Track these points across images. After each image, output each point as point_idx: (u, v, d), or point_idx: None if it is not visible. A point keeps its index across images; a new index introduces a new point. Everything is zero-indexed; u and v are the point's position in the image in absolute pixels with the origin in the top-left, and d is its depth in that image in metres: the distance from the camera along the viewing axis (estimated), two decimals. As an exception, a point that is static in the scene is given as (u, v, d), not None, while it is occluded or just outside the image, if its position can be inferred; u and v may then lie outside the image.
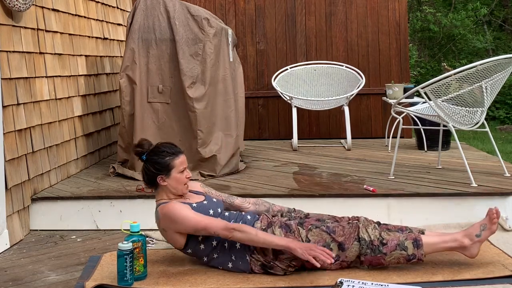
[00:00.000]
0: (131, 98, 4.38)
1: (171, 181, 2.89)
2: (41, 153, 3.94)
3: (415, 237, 2.76)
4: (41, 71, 3.99)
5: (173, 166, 2.88)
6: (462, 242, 2.78)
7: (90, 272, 2.89)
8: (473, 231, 2.80)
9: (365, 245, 2.74)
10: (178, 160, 2.89)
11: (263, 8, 6.30)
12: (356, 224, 2.81)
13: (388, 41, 6.21)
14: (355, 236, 2.76)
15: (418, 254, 2.74)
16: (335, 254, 2.75)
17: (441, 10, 14.05)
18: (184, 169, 2.91)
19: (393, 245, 2.74)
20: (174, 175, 2.88)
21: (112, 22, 5.60)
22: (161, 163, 2.88)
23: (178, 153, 2.92)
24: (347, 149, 5.41)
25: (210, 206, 2.94)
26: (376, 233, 2.77)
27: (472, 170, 3.85)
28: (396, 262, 2.77)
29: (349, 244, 2.76)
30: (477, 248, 2.80)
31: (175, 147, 2.95)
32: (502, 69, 3.78)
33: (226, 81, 4.49)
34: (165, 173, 2.88)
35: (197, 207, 2.87)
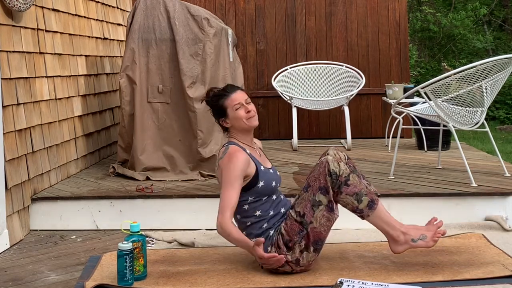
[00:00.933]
0: (131, 98, 4.38)
1: (231, 120, 2.86)
2: (41, 153, 3.94)
3: (373, 198, 2.75)
4: (41, 71, 3.99)
5: (225, 106, 2.86)
6: (397, 235, 2.77)
7: (90, 272, 2.89)
8: (413, 235, 2.78)
9: (335, 179, 2.72)
10: (229, 99, 2.86)
11: (263, 8, 6.30)
12: (325, 159, 2.77)
13: (388, 41, 6.21)
14: (327, 172, 2.73)
15: (365, 213, 2.73)
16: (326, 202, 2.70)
17: (441, 10, 14.06)
18: (240, 105, 2.85)
19: (352, 191, 2.72)
20: (232, 114, 2.85)
21: (112, 22, 5.60)
22: (215, 108, 2.90)
23: (229, 92, 2.89)
24: (347, 149, 5.42)
25: (274, 177, 2.89)
26: (347, 170, 2.75)
27: (472, 170, 3.85)
28: (343, 204, 2.76)
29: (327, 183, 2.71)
30: (404, 249, 2.79)
31: (228, 87, 2.93)
32: (502, 69, 3.78)
33: (226, 81, 4.49)
34: (223, 116, 2.88)
35: (264, 172, 2.83)
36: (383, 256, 3.00)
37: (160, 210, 3.80)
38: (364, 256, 3.03)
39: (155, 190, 3.92)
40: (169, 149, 4.36)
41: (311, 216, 2.72)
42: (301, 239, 2.74)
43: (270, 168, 2.93)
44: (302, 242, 2.74)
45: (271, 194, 2.85)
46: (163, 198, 3.81)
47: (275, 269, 2.79)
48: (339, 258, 3.00)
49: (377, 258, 2.98)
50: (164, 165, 4.34)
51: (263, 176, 2.81)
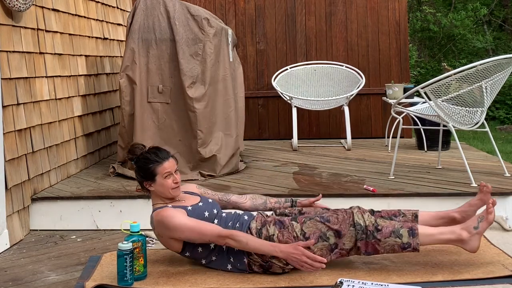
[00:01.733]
0: (131, 98, 4.38)
1: (157, 187, 2.88)
2: (41, 153, 3.94)
3: (411, 226, 2.73)
4: (41, 71, 3.99)
5: (156, 172, 2.86)
6: (460, 234, 2.73)
7: (90, 272, 2.89)
8: (471, 224, 2.74)
9: (360, 231, 2.72)
10: (161, 166, 2.86)
11: (263, 8, 6.30)
12: (351, 210, 2.80)
13: (388, 41, 6.21)
14: (350, 222, 2.74)
15: (413, 243, 2.70)
16: (332, 242, 2.74)
17: (441, 10, 14.05)
18: (169, 174, 2.87)
19: (387, 231, 2.71)
20: (159, 181, 2.87)
21: (112, 22, 5.60)
22: (144, 169, 2.88)
23: (163, 159, 2.89)
24: (347, 149, 5.41)
25: (206, 208, 2.92)
26: (371, 219, 2.75)
27: (472, 170, 3.85)
28: (391, 249, 2.73)
29: (345, 231, 2.73)
30: (477, 241, 2.73)
31: (162, 152, 2.92)
32: (502, 69, 3.78)
33: (226, 81, 4.49)
34: (150, 180, 2.88)
35: (192, 210, 2.86)
36: (383, 256, 2.99)
37: (160, 210, 3.79)
38: (364, 256, 3.02)
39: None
40: (169, 149, 4.28)
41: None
42: None
43: (198, 202, 2.95)
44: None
45: (211, 222, 2.86)
46: (163, 198, 3.81)
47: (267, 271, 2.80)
48: (339, 258, 2.99)
49: (377, 258, 2.97)
50: (164, 165, 4.33)
51: (193, 214, 2.83)
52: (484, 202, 2.88)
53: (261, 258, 2.78)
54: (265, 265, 2.78)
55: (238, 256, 2.81)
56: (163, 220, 2.79)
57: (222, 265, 2.85)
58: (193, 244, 2.84)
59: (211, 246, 2.84)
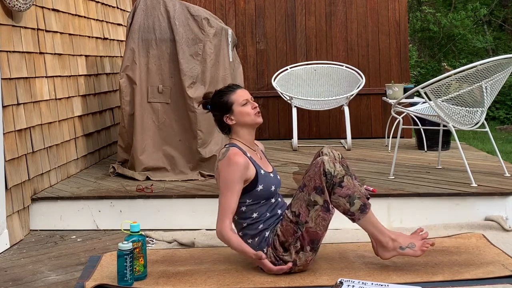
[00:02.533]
0: (131, 98, 4.38)
1: (237, 116, 2.85)
2: (41, 153, 3.94)
3: (365, 203, 2.73)
4: (41, 71, 3.99)
5: (232, 101, 2.85)
6: (386, 242, 2.76)
7: (90, 272, 2.89)
8: (402, 242, 2.77)
9: (330, 180, 2.70)
10: (236, 94, 2.86)
11: (263, 8, 6.30)
12: (321, 160, 2.75)
13: (388, 41, 6.21)
14: (322, 172, 2.71)
15: (356, 216, 2.71)
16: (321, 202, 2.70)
17: (441, 10, 14.06)
18: (247, 101, 2.86)
19: (345, 192, 2.70)
20: (238, 109, 2.85)
21: (112, 22, 5.60)
22: (220, 102, 2.86)
23: (235, 88, 2.90)
24: (347, 149, 5.42)
25: (274, 181, 2.88)
26: (342, 172, 2.73)
27: (472, 170, 3.85)
28: (335, 206, 2.74)
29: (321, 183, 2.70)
30: (391, 256, 2.78)
31: (233, 85, 2.95)
32: (502, 69, 3.78)
33: (226, 81, 4.49)
34: (228, 111, 2.86)
35: (264, 176, 2.82)
36: (383, 256, 3.00)
37: (160, 210, 3.80)
38: (364, 256, 3.03)
39: (155, 190, 3.92)
40: (169, 149, 4.36)
41: (306, 216, 2.72)
42: (296, 240, 2.74)
43: (271, 172, 2.92)
44: (297, 243, 2.74)
45: (270, 197, 2.85)
46: (163, 198, 3.81)
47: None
48: (339, 258, 3.00)
49: (377, 258, 2.97)
50: (164, 165, 4.34)
51: (263, 180, 2.81)
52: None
53: (275, 253, 2.77)
54: (277, 263, 2.77)
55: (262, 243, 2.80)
56: (232, 164, 2.73)
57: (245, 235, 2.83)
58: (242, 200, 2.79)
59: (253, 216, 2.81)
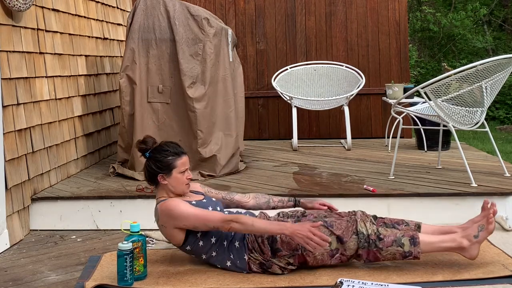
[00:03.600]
0: (131, 98, 4.38)
1: (171, 181, 2.90)
2: (41, 153, 3.94)
3: (412, 235, 2.76)
4: (41, 71, 3.99)
5: (174, 166, 2.89)
6: (460, 243, 2.77)
7: (90, 272, 2.89)
8: (471, 232, 2.78)
9: (363, 239, 2.74)
10: (180, 160, 2.90)
11: (263, 8, 6.30)
12: (354, 218, 2.82)
13: (388, 41, 6.21)
14: (354, 230, 2.76)
15: (414, 252, 2.74)
16: (334, 247, 2.75)
17: (441, 10, 14.05)
18: (186, 170, 2.91)
19: (389, 240, 2.74)
20: (175, 175, 2.89)
21: (112, 22, 5.60)
22: (163, 162, 2.89)
23: (181, 153, 2.92)
24: (347, 149, 5.41)
25: (209, 204, 2.94)
26: (373, 227, 2.78)
27: (472, 170, 3.85)
28: (392, 258, 2.76)
29: (347, 238, 2.75)
30: (477, 249, 2.78)
31: (178, 147, 2.96)
32: (502, 69, 3.78)
33: (226, 81, 4.49)
34: (166, 172, 2.89)
35: (196, 205, 2.87)
36: (383, 256, 3.00)
37: (160, 210, 3.79)
38: (364, 258, 3.02)
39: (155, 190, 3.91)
40: (169, 149, 4.35)
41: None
42: (291, 255, 2.78)
43: (202, 199, 2.97)
44: (291, 259, 2.78)
45: None
46: (163, 198, 3.81)
47: (266, 271, 2.81)
48: (339, 258, 2.99)
49: (377, 258, 2.98)
50: (164, 165, 4.33)
51: None
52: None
53: (262, 257, 2.78)
54: (266, 264, 2.78)
55: (239, 253, 2.82)
56: (168, 208, 2.80)
57: (222, 262, 2.86)
58: (195, 237, 2.84)
59: (212, 241, 2.84)
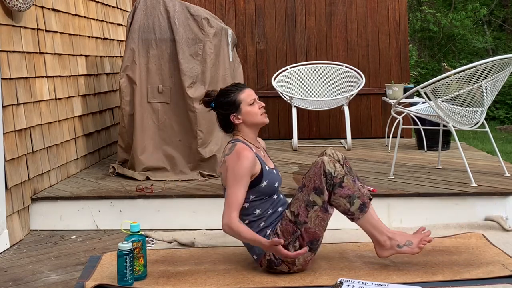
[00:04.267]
0: (131, 98, 4.38)
1: (244, 116, 2.85)
2: (41, 153, 3.94)
3: (364, 201, 2.75)
4: (41, 71, 3.99)
5: (240, 100, 2.84)
6: (384, 240, 2.79)
7: (90, 272, 2.89)
8: (399, 240, 2.79)
9: (330, 180, 2.71)
10: (244, 93, 2.85)
11: (263, 8, 6.30)
12: (321, 160, 2.77)
13: (388, 41, 6.21)
14: (322, 172, 2.72)
15: (355, 216, 2.74)
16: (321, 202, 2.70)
17: (441, 10, 14.06)
18: (254, 101, 2.86)
19: (345, 193, 2.72)
20: (245, 109, 2.84)
21: (112, 22, 5.60)
22: (228, 101, 2.84)
23: (242, 87, 2.88)
24: (347, 149, 5.41)
25: (277, 178, 2.88)
26: (342, 172, 2.75)
27: (472, 170, 3.85)
28: (336, 206, 2.75)
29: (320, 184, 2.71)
30: (389, 254, 2.81)
31: (238, 84, 2.93)
32: (502, 69, 3.78)
33: (226, 81, 4.49)
34: (235, 110, 2.85)
35: (268, 172, 2.82)
36: (383, 256, 3.00)
37: (160, 210, 3.80)
38: (364, 256, 3.03)
39: (155, 190, 3.92)
40: (169, 149, 4.36)
41: (305, 216, 2.72)
42: (295, 239, 2.74)
43: (274, 168, 2.93)
44: (296, 243, 2.74)
45: (272, 194, 2.85)
46: (163, 198, 3.81)
47: (272, 269, 2.80)
48: (339, 258, 3.00)
49: (377, 258, 2.97)
50: (164, 165, 4.34)
51: (267, 176, 2.81)
52: None
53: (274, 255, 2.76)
54: (276, 261, 2.77)
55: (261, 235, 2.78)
56: (242, 157, 2.72)
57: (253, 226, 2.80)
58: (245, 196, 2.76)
59: (255, 212, 2.80)
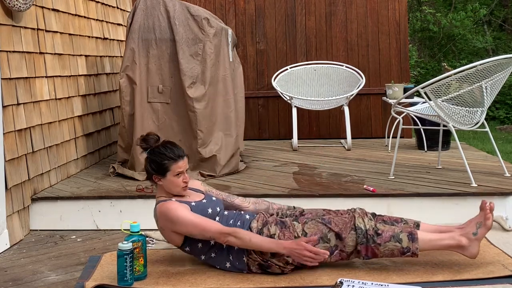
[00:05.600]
0: (131, 98, 4.38)
1: (166, 183, 2.90)
2: (41, 153, 3.94)
3: (410, 231, 2.75)
4: (41, 71, 3.99)
5: (168, 169, 2.87)
6: (459, 241, 2.76)
7: (90, 272, 2.89)
8: (469, 230, 2.77)
9: (361, 234, 2.74)
10: (175, 164, 2.87)
11: (263, 8, 6.30)
12: (352, 214, 2.82)
13: (388, 41, 6.21)
14: (352, 226, 2.76)
15: (412, 248, 2.73)
16: (333, 244, 2.75)
17: (441, 10, 14.05)
18: (181, 173, 2.88)
19: (387, 236, 2.73)
20: (169, 178, 2.88)
21: (112, 22, 5.60)
22: (157, 164, 2.88)
23: (178, 157, 2.88)
24: (347, 149, 5.41)
25: (209, 205, 2.93)
26: (371, 223, 2.78)
27: (472, 170, 3.85)
28: (390, 254, 2.75)
29: (346, 234, 2.75)
30: (476, 247, 2.77)
31: (177, 150, 2.92)
32: (502, 69, 3.78)
33: (226, 81, 4.49)
34: (160, 174, 2.89)
35: (195, 206, 2.87)
36: (383, 256, 3.00)
37: (160, 210, 3.79)
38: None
39: (155, 190, 3.91)
40: (169, 149, 4.35)
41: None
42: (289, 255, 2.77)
43: (202, 199, 2.96)
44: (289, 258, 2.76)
45: (213, 219, 2.87)
46: (163, 198, 3.81)
47: (265, 272, 2.80)
48: (339, 258, 2.99)
49: (377, 258, 2.97)
50: (164, 165, 4.33)
51: (196, 210, 2.84)
52: None
53: (261, 257, 2.78)
54: (265, 264, 2.78)
55: (238, 254, 2.81)
56: (167, 212, 2.80)
57: (221, 263, 2.86)
58: (194, 239, 2.84)
59: (211, 243, 2.85)
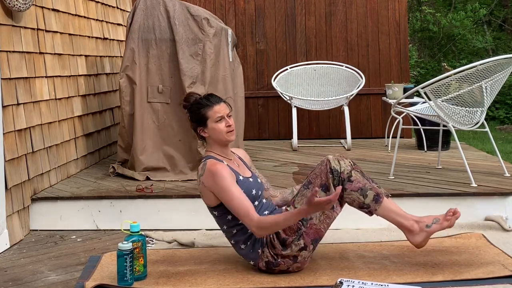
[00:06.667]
0: (131, 98, 4.38)
1: (210, 132, 2.85)
2: (41, 153, 3.94)
3: (378, 192, 2.77)
4: (41, 71, 3.99)
5: (207, 116, 2.83)
6: (411, 225, 2.79)
7: (90, 272, 2.89)
8: (425, 221, 2.81)
9: (337, 177, 2.75)
10: (212, 110, 2.83)
11: (263, 8, 6.30)
12: (327, 158, 2.80)
13: (388, 41, 6.21)
14: (328, 169, 2.76)
15: (372, 207, 2.75)
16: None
17: (441, 10, 14.06)
18: (221, 118, 2.83)
19: (357, 186, 2.75)
20: (211, 125, 2.84)
21: (112, 22, 5.60)
22: (196, 115, 2.87)
23: (213, 102, 2.86)
24: (347, 149, 5.42)
25: (255, 186, 2.87)
26: (348, 168, 2.78)
27: (472, 170, 3.85)
28: (350, 202, 2.78)
29: (327, 181, 2.75)
30: (423, 237, 2.80)
31: (213, 97, 2.89)
32: (502, 69, 3.78)
33: (226, 81, 4.49)
34: (202, 124, 2.86)
35: (242, 181, 2.81)
36: (383, 256, 3.00)
37: (160, 210, 3.80)
38: (364, 256, 3.03)
39: (155, 190, 3.92)
40: (169, 149, 4.35)
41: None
42: (298, 237, 2.74)
43: (250, 177, 2.91)
44: (300, 241, 2.74)
45: (253, 201, 2.82)
46: (163, 198, 3.81)
47: (271, 271, 2.79)
48: (339, 258, 3.00)
49: (377, 258, 2.98)
50: (164, 165, 4.34)
51: (242, 186, 2.79)
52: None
53: (273, 251, 2.75)
54: (274, 262, 2.76)
55: (256, 244, 2.79)
56: (216, 174, 2.72)
57: (237, 242, 2.83)
58: (227, 209, 2.77)
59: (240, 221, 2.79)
